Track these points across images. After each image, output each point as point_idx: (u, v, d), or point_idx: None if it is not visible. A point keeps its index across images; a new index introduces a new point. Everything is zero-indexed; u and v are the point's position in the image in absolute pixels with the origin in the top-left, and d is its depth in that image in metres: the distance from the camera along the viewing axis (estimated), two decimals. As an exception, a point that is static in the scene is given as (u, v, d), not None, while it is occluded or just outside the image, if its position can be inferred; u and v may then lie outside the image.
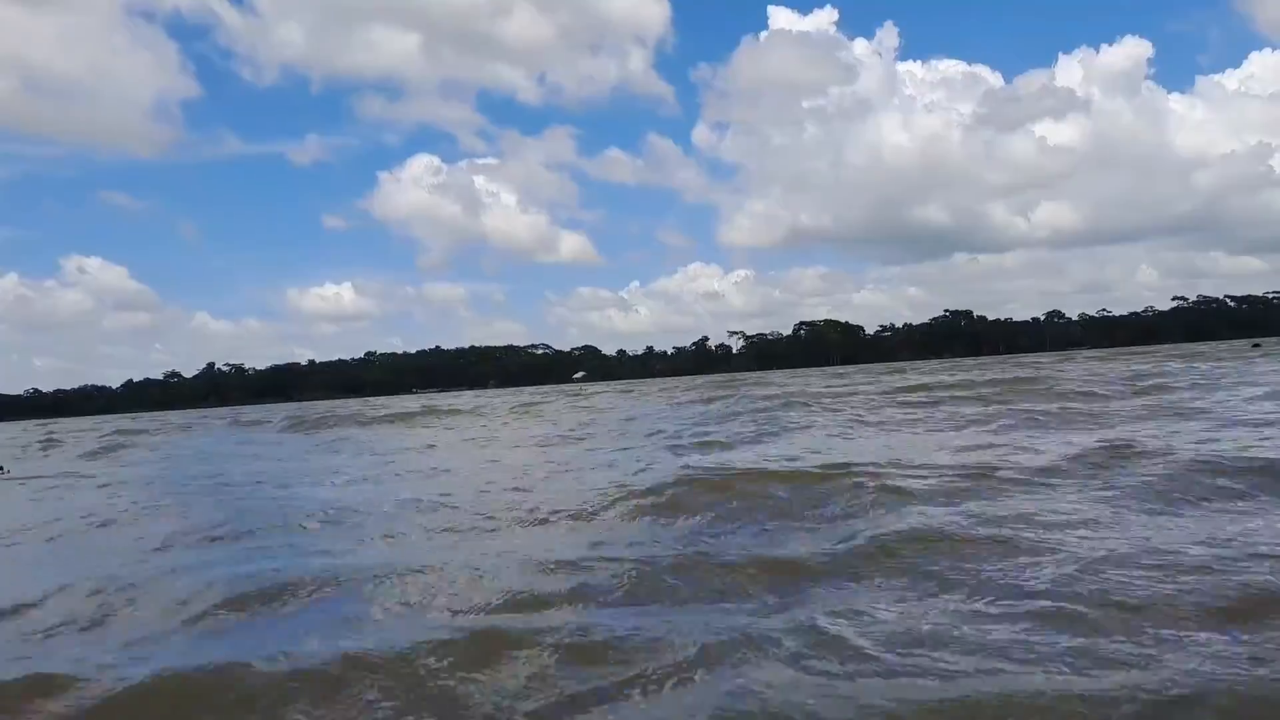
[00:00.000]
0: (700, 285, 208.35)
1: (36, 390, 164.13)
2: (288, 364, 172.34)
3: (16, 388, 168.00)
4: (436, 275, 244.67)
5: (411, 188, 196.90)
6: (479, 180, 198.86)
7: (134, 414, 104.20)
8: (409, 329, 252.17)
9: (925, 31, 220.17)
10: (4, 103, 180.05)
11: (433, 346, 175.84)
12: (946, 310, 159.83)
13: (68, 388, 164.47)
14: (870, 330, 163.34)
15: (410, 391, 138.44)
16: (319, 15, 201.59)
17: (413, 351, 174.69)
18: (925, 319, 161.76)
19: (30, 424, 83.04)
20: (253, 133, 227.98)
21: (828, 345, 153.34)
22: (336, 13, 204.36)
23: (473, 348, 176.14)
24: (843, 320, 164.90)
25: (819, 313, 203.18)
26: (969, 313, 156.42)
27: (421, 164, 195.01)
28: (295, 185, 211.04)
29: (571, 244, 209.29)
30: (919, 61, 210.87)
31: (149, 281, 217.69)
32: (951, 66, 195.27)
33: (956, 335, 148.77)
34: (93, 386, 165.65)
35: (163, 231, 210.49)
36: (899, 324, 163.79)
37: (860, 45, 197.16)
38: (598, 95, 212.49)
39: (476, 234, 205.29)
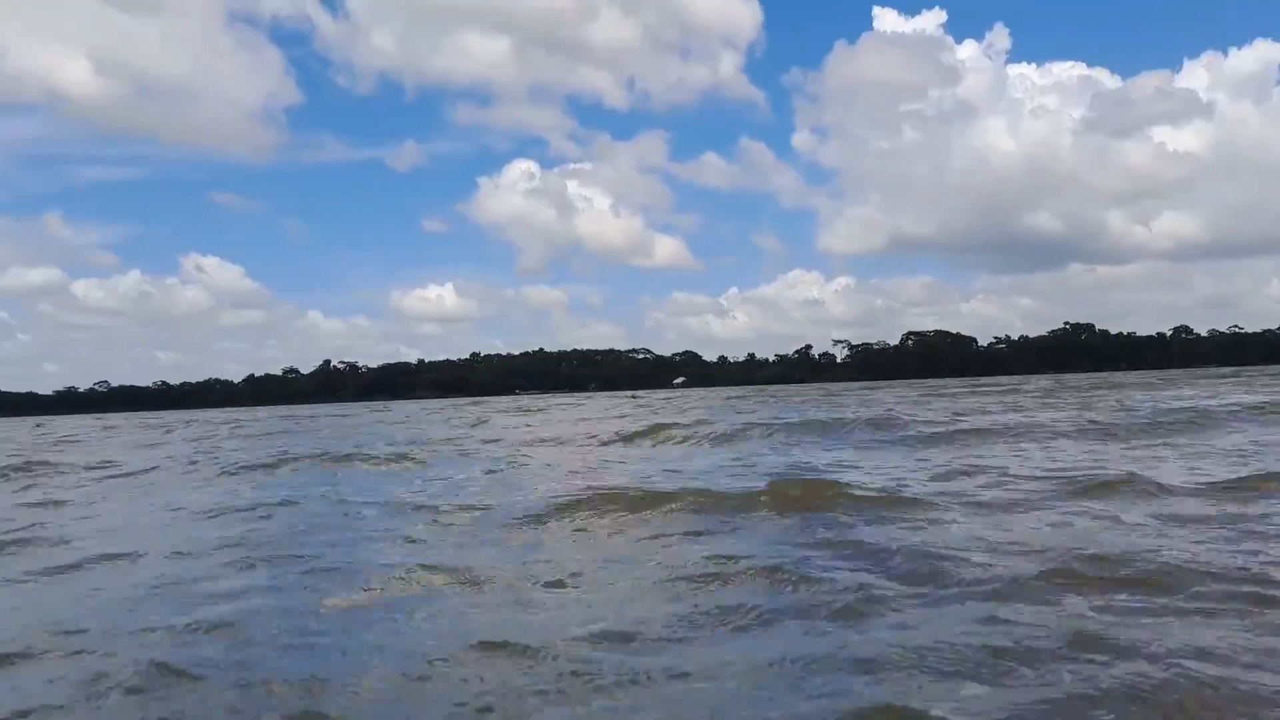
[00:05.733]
0: (799, 292, 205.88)
1: (164, 383, 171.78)
2: (397, 363, 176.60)
3: (144, 380, 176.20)
4: (534, 278, 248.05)
5: (507, 192, 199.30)
6: (572, 185, 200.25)
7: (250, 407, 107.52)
8: (508, 331, 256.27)
9: (1040, 34, 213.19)
10: (119, 106, 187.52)
11: (536, 349, 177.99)
12: (1066, 323, 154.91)
13: (192, 381, 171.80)
14: (984, 342, 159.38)
15: (513, 393, 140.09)
16: (409, 21, 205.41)
17: (516, 354, 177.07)
18: (1041, 331, 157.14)
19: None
20: (353, 138, 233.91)
21: (938, 357, 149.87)
22: (426, 18, 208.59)
23: (575, 351, 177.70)
24: (953, 331, 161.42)
25: (924, 323, 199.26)
26: (1090, 326, 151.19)
27: (517, 169, 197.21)
28: (395, 189, 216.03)
29: (666, 248, 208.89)
30: (1032, 64, 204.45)
31: (263, 280, 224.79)
32: (1066, 69, 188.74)
33: (1076, 349, 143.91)
34: (215, 380, 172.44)
35: (273, 232, 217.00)
36: (1013, 336, 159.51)
37: (968, 47, 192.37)
38: (687, 99, 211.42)
39: (571, 237, 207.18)
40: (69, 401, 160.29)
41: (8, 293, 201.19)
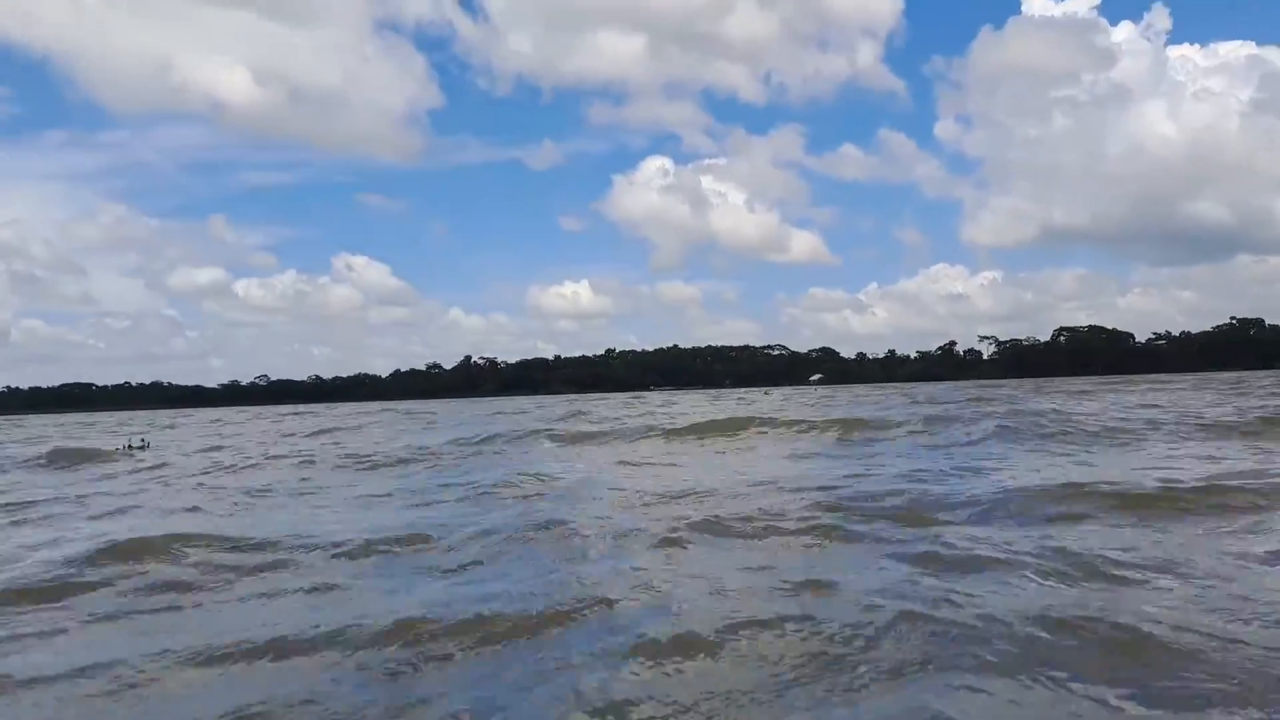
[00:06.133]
0: (942, 287, 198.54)
1: (318, 377, 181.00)
2: (535, 358, 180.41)
3: (300, 374, 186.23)
4: (669, 274, 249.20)
5: (642, 189, 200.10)
6: (707, 180, 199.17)
7: (399, 401, 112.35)
8: (642, 327, 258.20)
9: (1203, 13, 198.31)
10: (273, 113, 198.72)
11: (670, 345, 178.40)
12: (1232, 318, 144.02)
13: (344, 375, 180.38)
14: (1141, 338, 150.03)
15: (648, 389, 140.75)
16: (545, 22, 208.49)
17: (650, 350, 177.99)
18: (1205, 327, 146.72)
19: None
20: (492, 139, 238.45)
21: (1091, 353, 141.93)
22: (562, 19, 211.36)
23: (709, 347, 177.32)
24: (1108, 326, 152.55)
25: (1077, 318, 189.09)
26: (1259, 321, 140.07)
27: (652, 166, 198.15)
28: (533, 188, 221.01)
29: (802, 243, 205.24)
30: (1194, 45, 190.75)
31: (408, 278, 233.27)
32: (1233, 49, 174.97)
33: (1244, 345, 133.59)
34: (364, 375, 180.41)
35: (418, 231, 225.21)
36: (1174, 331, 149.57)
37: (1124, 29, 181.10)
38: (824, 91, 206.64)
39: (706, 233, 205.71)
40: (232, 394, 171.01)
41: (177, 292, 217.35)
